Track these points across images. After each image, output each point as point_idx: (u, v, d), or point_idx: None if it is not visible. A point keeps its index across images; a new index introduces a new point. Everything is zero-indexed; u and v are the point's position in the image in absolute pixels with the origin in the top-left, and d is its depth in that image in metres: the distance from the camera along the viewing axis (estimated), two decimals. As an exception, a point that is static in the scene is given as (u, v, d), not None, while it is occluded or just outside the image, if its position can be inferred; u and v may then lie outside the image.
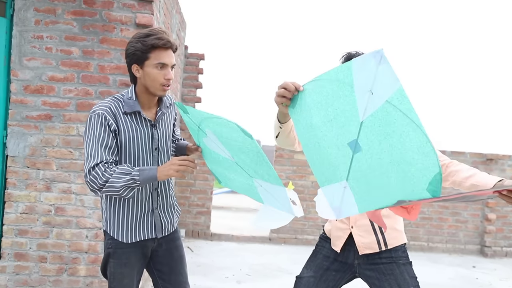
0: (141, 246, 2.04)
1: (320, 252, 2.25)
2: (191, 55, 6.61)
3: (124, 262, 2.01)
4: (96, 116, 1.88)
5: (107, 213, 2.02)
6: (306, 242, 6.97)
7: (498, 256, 7.00)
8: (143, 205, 2.03)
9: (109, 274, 2.03)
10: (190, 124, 2.01)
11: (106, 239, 2.06)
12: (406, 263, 2.12)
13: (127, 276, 2.02)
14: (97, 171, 1.83)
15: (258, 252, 6.24)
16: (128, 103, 1.95)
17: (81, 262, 3.40)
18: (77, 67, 3.37)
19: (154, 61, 1.90)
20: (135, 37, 1.91)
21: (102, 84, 3.38)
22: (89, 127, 1.89)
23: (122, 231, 2.00)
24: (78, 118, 3.37)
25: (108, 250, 2.02)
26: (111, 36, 3.38)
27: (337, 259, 2.19)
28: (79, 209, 3.39)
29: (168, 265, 2.13)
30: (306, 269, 2.22)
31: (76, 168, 3.38)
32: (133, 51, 1.90)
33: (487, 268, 6.11)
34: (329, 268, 2.18)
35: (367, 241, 2.12)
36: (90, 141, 1.87)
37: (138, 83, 1.98)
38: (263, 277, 4.92)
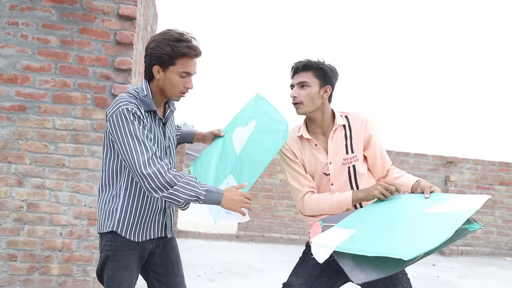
0: (140, 248, 1.97)
1: (310, 259, 2.17)
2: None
3: (123, 265, 1.92)
4: (128, 112, 1.79)
5: (120, 213, 1.90)
6: (273, 240, 7.01)
7: (455, 255, 7.31)
8: (157, 204, 1.99)
9: (107, 278, 1.93)
10: (244, 112, 2.22)
11: (103, 241, 1.95)
12: None
13: (126, 280, 1.94)
14: (159, 168, 1.75)
15: (226, 250, 6.21)
16: (145, 101, 1.88)
17: (54, 260, 3.26)
18: (54, 57, 3.21)
19: (179, 68, 1.85)
20: (165, 39, 1.84)
21: (81, 76, 3.24)
22: (125, 123, 1.78)
23: (135, 230, 1.93)
24: (55, 111, 3.22)
25: (107, 253, 1.92)
26: (92, 26, 3.25)
27: (329, 266, 2.11)
28: (53, 205, 3.25)
29: (164, 266, 2.08)
30: (296, 276, 2.17)
31: (51, 163, 3.23)
32: (160, 54, 1.83)
33: (446, 267, 6.36)
34: (321, 275, 2.15)
35: None
36: (132, 135, 1.77)
37: (155, 83, 1.91)
38: (235, 275, 4.90)
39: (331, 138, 2.18)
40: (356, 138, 2.17)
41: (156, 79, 1.89)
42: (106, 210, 1.93)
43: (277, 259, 5.88)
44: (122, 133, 1.78)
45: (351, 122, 2.20)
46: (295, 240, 7.05)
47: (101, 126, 3.27)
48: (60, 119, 3.23)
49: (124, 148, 1.77)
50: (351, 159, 2.16)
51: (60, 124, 3.23)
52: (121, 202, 1.91)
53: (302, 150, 2.22)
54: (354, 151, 2.17)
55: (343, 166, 2.15)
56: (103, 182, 1.95)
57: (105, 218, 1.93)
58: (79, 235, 3.28)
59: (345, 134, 2.18)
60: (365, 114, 2.23)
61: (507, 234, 7.58)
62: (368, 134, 2.18)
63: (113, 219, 1.91)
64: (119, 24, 3.28)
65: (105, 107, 3.26)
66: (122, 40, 3.26)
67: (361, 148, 2.18)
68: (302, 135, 2.21)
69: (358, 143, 2.17)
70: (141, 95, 1.89)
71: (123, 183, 1.90)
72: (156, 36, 1.88)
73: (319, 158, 2.18)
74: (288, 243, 7.00)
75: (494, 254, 7.49)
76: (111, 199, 1.93)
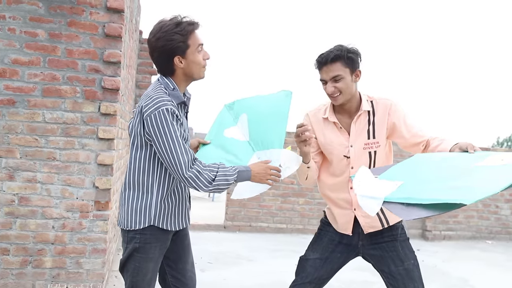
0: (166, 240, 2.04)
1: (325, 235, 2.38)
2: (146, 40, 6.47)
3: (150, 257, 1.99)
4: (167, 112, 1.84)
5: (155, 208, 1.96)
6: (260, 230, 7.11)
7: (437, 239, 7.53)
8: (185, 195, 2.09)
9: (133, 269, 1.99)
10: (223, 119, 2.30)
11: (130, 234, 1.99)
12: (405, 239, 2.32)
13: (151, 271, 2.01)
14: (196, 168, 1.86)
15: (214, 240, 6.30)
16: (175, 95, 1.95)
17: (47, 253, 3.29)
18: (43, 51, 3.22)
19: (194, 46, 1.94)
20: (167, 31, 1.89)
21: (70, 69, 3.26)
22: (165, 125, 1.84)
23: (172, 220, 2.01)
24: (44, 104, 3.23)
25: (135, 245, 1.97)
26: (80, 19, 3.26)
27: (341, 242, 2.34)
28: (45, 199, 3.27)
29: (176, 252, 2.14)
30: (312, 251, 2.36)
31: (42, 156, 3.25)
32: (175, 45, 1.89)
33: (430, 251, 6.55)
34: (335, 250, 2.33)
35: (370, 220, 2.26)
36: (173, 138, 1.84)
37: (178, 73, 1.97)
38: (225, 265, 4.99)
39: (354, 122, 2.25)
40: (379, 124, 2.24)
41: (180, 68, 1.95)
42: (138, 206, 1.96)
43: (265, 248, 5.99)
44: (163, 134, 1.83)
45: (375, 108, 2.26)
46: (282, 229, 7.17)
47: (91, 119, 3.29)
48: (50, 112, 3.24)
49: (165, 150, 1.84)
50: (372, 144, 2.23)
51: (50, 117, 3.24)
52: (155, 197, 1.96)
53: (324, 130, 2.30)
54: (376, 137, 2.24)
55: (364, 150, 2.23)
56: (132, 179, 1.98)
57: (138, 215, 1.96)
58: (71, 227, 3.31)
59: (368, 119, 2.25)
60: (389, 100, 2.27)
61: (487, 218, 7.82)
62: (392, 122, 2.24)
63: (149, 215, 1.96)
64: (107, 17, 3.29)
65: (95, 100, 3.29)
66: (110, 33, 3.28)
67: (383, 134, 2.24)
68: (328, 118, 2.29)
69: (380, 130, 2.24)
70: (169, 90, 1.95)
71: (155, 179, 1.96)
72: (155, 33, 1.92)
73: (341, 140, 2.27)
74: (275, 232, 7.12)
75: (476, 238, 7.73)
76: (142, 195, 1.97)
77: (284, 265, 4.36)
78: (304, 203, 7.26)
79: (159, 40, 1.90)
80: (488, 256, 6.51)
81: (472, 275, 5.22)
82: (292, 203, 7.22)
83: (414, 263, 2.25)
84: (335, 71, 2.15)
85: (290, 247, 5.94)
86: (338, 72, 2.15)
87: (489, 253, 6.71)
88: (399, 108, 2.27)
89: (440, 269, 5.50)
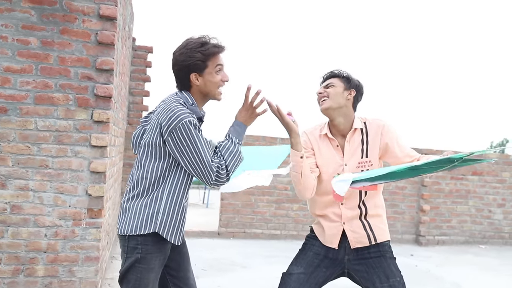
0: (166, 250, 2.05)
1: (310, 249, 2.35)
2: (139, 47, 6.49)
3: (152, 268, 1.99)
4: (191, 124, 1.91)
5: (163, 215, 1.98)
6: (254, 236, 7.11)
7: (431, 244, 7.55)
8: (186, 210, 2.11)
9: (134, 280, 1.99)
10: None
11: (132, 244, 1.99)
12: (392, 257, 2.31)
13: (152, 282, 2.01)
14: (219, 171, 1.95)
15: (208, 247, 6.28)
16: (193, 110, 2.01)
17: (39, 262, 3.27)
18: (35, 58, 3.22)
19: (213, 67, 2.01)
20: (191, 48, 1.98)
21: (62, 77, 3.26)
22: (192, 134, 1.91)
23: (176, 231, 2.02)
24: (37, 112, 3.23)
25: (137, 255, 1.97)
26: (73, 27, 3.26)
27: (327, 256, 2.31)
28: (37, 207, 3.26)
29: (176, 261, 2.16)
30: (296, 266, 2.31)
31: (35, 164, 3.24)
32: (193, 62, 1.97)
33: (423, 256, 6.58)
34: (320, 265, 2.29)
35: (359, 235, 2.26)
36: (201, 147, 1.92)
37: (194, 90, 2.05)
38: (219, 272, 4.98)
39: (348, 141, 2.31)
40: (372, 144, 2.31)
41: (196, 85, 2.03)
42: (146, 212, 1.98)
43: (259, 254, 5.98)
44: (190, 145, 1.90)
45: (368, 128, 2.33)
46: (276, 235, 7.17)
47: (84, 126, 3.29)
48: (42, 120, 3.24)
49: (194, 160, 1.92)
50: (365, 163, 2.28)
51: (43, 125, 3.24)
52: (163, 204, 1.98)
53: (320, 148, 2.35)
54: (368, 156, 2.30)
55: (357, 169, 2.27)
56: (142, 188, 2.00)
57: (145, 220, 1.97)
58: (64, 236, 3.30)
59: (362, 138, 2.32)
60: (382, 121, 2.36)
61: (480, 223, 7.87)
62: (384, 142, 2.31)
63: (156, 221, 1.97)
64: (100, 25, 3.30)
65: (87, 107, 3.29)
66: (103, 40, 3.29)
67: (376, 154, 2.31)
68: (326, 134, 2.35)
69: (373, 149, 2.30)
70: (188, 105, 2.01)
71: (166, 187, 2.00)
72: (180, 49, 2.01)
73: (336, 159, 2.31)
74: (269, 239, 7.11)
75: (469, 243, 7.77)
76: (151, 202, 1.99)
77: (279, 271, 4.33)
78: (298, 209, 7.28)
79: (181, 55, 1.99)
80: (481, 260, 6.54)
81: (465, 280, 5.25)
82: (286, 209, 7.23)
83: (400, 281, 2.24)
84: (330, 81, 2.34)
85: (284, 254, 5.92)
86: (332, 81, 2.32)
87: (483, 258, 6.75)
88: (392, 129, 2.34)
89: (434, 274, 5.52)
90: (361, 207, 2.28)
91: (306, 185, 2.22)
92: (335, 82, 2.31)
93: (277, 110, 2.11)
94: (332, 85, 2.30)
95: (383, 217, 2.38)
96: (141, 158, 2.03)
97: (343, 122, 2.31)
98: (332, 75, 2.35)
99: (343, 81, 2.31)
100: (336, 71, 2.35)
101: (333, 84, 2.30)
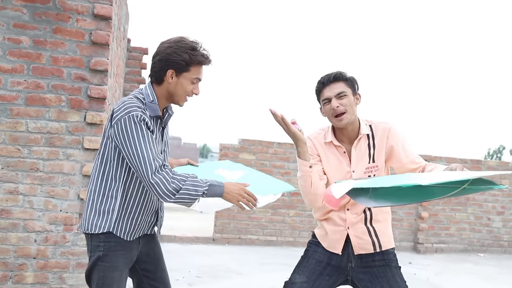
0: (130, 249, 2.03)
1: (312, 257, 2.28)
2: (134, 48, 6.42)
3: (115, 266, 1.97)
4: (137, 118, 1.86)
5: (117, 214, 1.97)
6: (250, 242, 7.05)
7: (429, 252, 7.52)
8: (153, 206, 2.09)
9: (98, 279, 1.96)
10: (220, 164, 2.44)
11: (94, 242, 1.98)
12: (397, 266, 2.25)
13: (117, 281, 1.99)
14: (164, 175, 1.84)
15: (203, 253, 6.22)
16: (151, 107, 1.97)
17: (29, 268, 3.20)
18: (27, 58, 3.16)
19: (192, 75, 1.98)
20: (181, 46, 1.95)
21: (55, 77, 3.20)
22: (134, 129, 1.86)
23: (130, 230, 2.01)
24: (28, 113, 3.17)
25: (99, 253, 1.96)
26: (66, 26, 3.21)
27: (330, 263, 2.24)
28: (27, 211, 3.19)
29: (152, 263, 2.16)
30: (298, 274, 2.24)
31: (25, 167, 3.17)
32: (178, 60, 1.94)
33: (422, 264, 6.54)
34: (322, 273, 2.23)
35: (363, 241, 2.21)
36: (141, 143, 1.85)
37: (163, 87, 2.00)
38: (214, 279, 4.92)
39: (354, 147, 2.24)
40: (378, 148, 2.24)
41: (167, 82, 1.98)
42: (100, 210, 1.97)
43: (255, 261, 5.92)
44: (131, 139, 1.85)
45: (374, 132, 2.26)
46: (272, 242, 7.11)
47: (77, 128, 3.23)
48: (33, 121, 3.18)
49: (132, 154, 1.85)
50: (372, 168, 2.23)
51: (34, 127, 3.18)
52: (118, 202, 1.97)
53: (326, 155, 2.27)
54: (375, 161, 2.24)
55: (364, 174, 2.21)
56: (97, 182, 1.99)
57: (98, 219, 1.97)
58: (54, 241, 3.23)
59: (368, 143, 2.25)
60: (388, 123, 2.28)
61: (479, 231, 7.85)
62: (390, 145, 2.24)
63: (109, 220, 1.96)
64: (94, 24, 3.25)
65: (80, 109, 3.23)
66: (97, 40, 3.24)
67: (382, 158, 2.25)
68: (331, 141, 2.26)
69: (379, 153, 2.24)
70: (147, 101, 1.97)
71: (120, 184, 1.97)
72: (170, 42, 1.97)
73: (343, 166, 2.25)
74: (265, 245, 7.05)
75: (468, 251, 7.74)
76: (105, 199, 1.97)
77: (274, 279, 4.30)
78: (295, 215, 7.22)
79: (169, 48, 1.96)
80: (480, 269, 6.51)
81: (465, 289, 5.21)
82: (282, 215, 7.17)
83: None
84: (340, 88, 2.19)
85: (280, 260, 5.88)
86: (343, 89, 2.19)
87: (482, 266, 6.72)
88: (398, 131, 2.27)
89: (433, 282, 5.48)
90: (367, 212, 2.23)
91: (317, 193, 2.15)
92: (345, 90, 2.19)
93: (282, 120, 2.03)
94: (345, 95, 2.18)
95: (389, 222, 2.32)
96: (99, 150, 2.03)
97: (351, 129, 2.24)
98: (336, 77, 2.21)
99: (349, 86, 2.22)
100: (340, 74, 2.22)
101: (345, 93, 2.18)
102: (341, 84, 2.20)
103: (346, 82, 2.21)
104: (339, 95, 2.18)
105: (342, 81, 2.21)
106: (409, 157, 2.22)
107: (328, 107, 2.20)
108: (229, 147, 7.08)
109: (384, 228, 2.27)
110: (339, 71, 2.23)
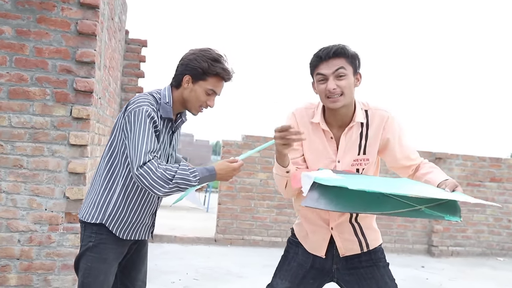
0: (122, 246, 2.12)
1: (293, 259, 2.18)
2: (133, 41, 6.39)
3: (103, 258, 2.05)
4: (145, 113, 1.96)
5: (113, 208, 2.05)
6: (254, 243, 6.99)
7: (444, 256, 7.38)
8: (151, 207, 2.17)
9: (85, 269, 2.04)
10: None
11: (87, 232, 2.07)
12: (385, 265, 2.14)
13: (104, 273, 2.05)
14: (149, 165, 1.88)
15: (204, 255, 6.17)
16: (165, 108, 2.06)
17: (12, 270, 3.17)
18: (9, 49, 3.12)
19: (208, 85, 2.07)
20: (204, 55, 2.05)
21: (39, 69, 3.16)
22: (139, 121, 1.94)
23: (125, 228, 2.09)
24: (10, 107, 3.13)
25: (89, 243, 2.05)
26: (51, 16, 3.16)
27: (313, 266, 2.15)
28: (10, 210, 3.16)
29: (131, 260, 2.24)
30: (280, 279, 2.15)
31: (8, 164, 3.14)
32: (196, 66, 2.04)
33: (436, 268, 6.41)
34: (306, 276, 2.14)
35: (349, 243, 2.10)
36: (140, 134, 1.93)
37: (179, 91, 2.10)
38: (212, 282, 4.87)
39: (345, 134, 2.03)
40: (371, 139, 2.04)
41: (183, 88, 2.09)
42: (98, 200, 2.07)
43: (258, 263, 5.85)
44: (132, 129, 1.95)
45: (370, 119, 2.05)
46: (277, 243, 7.03)
47: (63, 123, 3.19)
48: (16, 116, 3.14)
49: (129, 144, 1.94)
50: (361, 161, 2.04)
51: (17, 121, 3.14)
52: (115, 196, 2.06)
53: (310, 137, 2.06)
54: (366, 153, 2.04)
55: (351, 167, 2.03)
56: (102, 172, 2.08)
57: (95, 209, 2.06)
58: (39, 241, 3.20)
59: (361, 132, 2.04)
60: (387, 112, 2.06)
61: (498, 233, 7.68)
62: (385, 137, 2.04)
63: (105, 212, 2.05)
64: (81, 13, 3.20)
65: (66, 103, 3.19)
66: (83, 30, 3.19)
67: (375, 150, 2.05)
68: (319, 123, 2.05)
69: (372, 145, 2.04)
70: (163, 101, 2.07)
71: (121, 178, 2.06)
72: (196, 50, 2.10)
73: (328, 153, 2.05)
74: (269, 246, 6.98)
75: (486, 255, 7.59)
76: (105, 191, 2.07)
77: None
78: (301, 215, 7.13)
79: (192, 55, 2.07)
80: (499, 274, 6.36)
81: (480, 296, 5.08)
82: (288, 215, 7.09)
83: None
84: (339, 64, 1.94)
85: (284, 263, 5.80)
86: (342, 68, 1.94)
87: (501, 271, 6.56)
88: (397, 123, 2.07)
89: None
90: None
91: (291, 193, 2.08)
92: (346, 69, 1.94)
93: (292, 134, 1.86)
94: (345, 74, 1.94)
95: (373, 216, 2.17)
96: (109, 141, 2.11)
97: (345, 113, 2.02)
98: (337, 52, 1.94)
99: (351, 63, 1.97)
100: (342, 49, 1.95)
101: (345, 72, 1.94)
102: (342, 60, 1.94)
103: (348, 59, 1.96)
104: (338, 75, 1.94)
105: (344, 58, 1.95)
106: (404, 153, 2.06)
107: (323, 86, 1.96)
108: (232, 143, 7.02)
109: (369, 223, 2.14)
110: (341, 45, 1.96)
